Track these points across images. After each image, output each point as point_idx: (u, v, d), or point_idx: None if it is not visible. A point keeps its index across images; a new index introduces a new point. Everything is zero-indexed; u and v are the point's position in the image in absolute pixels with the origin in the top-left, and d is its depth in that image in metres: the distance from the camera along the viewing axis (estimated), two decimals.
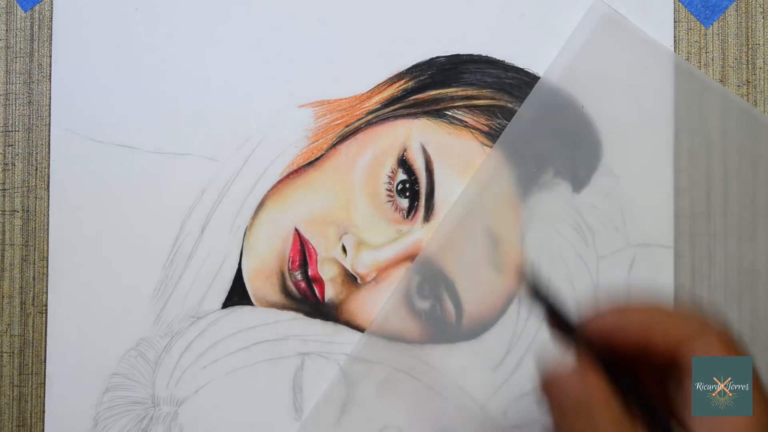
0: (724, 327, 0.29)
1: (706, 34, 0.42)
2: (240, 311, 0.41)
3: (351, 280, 0.41)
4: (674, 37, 0.42)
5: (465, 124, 0.41)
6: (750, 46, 0.42)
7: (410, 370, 0.40)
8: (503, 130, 0.41)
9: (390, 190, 0.41)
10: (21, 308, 0.42)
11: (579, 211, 0.41)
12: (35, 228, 0.42)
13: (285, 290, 0.41)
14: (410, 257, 0.40)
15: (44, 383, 0.41)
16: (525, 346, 0.40)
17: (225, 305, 0.41)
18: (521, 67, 0.41)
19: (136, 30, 0.42)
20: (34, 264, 0.42)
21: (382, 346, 0.40)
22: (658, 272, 0.40)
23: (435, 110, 0.41)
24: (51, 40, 0.42)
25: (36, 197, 0.42)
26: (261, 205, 0.41)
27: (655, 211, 0.41)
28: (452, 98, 0.41)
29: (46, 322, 0.41)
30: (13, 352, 0.41)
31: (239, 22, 0.42)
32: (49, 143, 0.42)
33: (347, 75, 0.41)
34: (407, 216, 0.41)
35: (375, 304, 0.41)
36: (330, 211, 0.41)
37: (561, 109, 0.41)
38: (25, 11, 0.42)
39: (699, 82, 0.41)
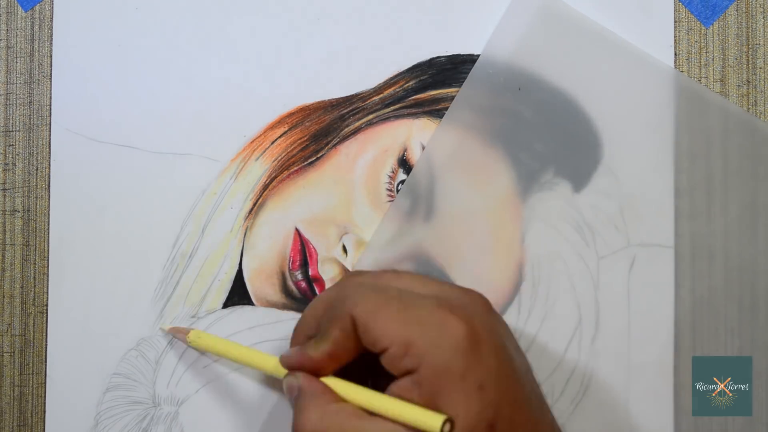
0: (346, 280, 0.32)
1: (706, 34, 0.42)
2: (240, 311, 0.41)
3: None
4: (674, 37, 0.42)
5: (465, 124, 0.41)
6: (750, 46, 0.42)
7: None
8: (504, 129, 0.41)
9: (390, 190, 0.41)
10: (21, 308, 0.42)
11: (579, 211, 0.41)
12: (36, 228, 0.42)
13: (285, 290, 0.41)
14: (411, 257, 0.40)
15: (45, 383, 0.41)
16: (525, 345, 0.40)
17: (225, 305, 0.41)
18: (521, 66, 0.41)
19: (136, 30, 0.42)
20: (35, 264, 0.42)
21: None
22: (658, 272, 0.40)
23: (435, 110, 0.41)
24: (51, 40, 0.42)
25: (36, 197, 0.42)
26: (261, 205, 0.41)
27: (655, 211, 0.41)
28: (452, 98, 0.41)
29: (46, 321, 0.41)
30: (13, 352, 0.41)
31: (239, 21, 0.42)
32: (49, 143, 0.42)
33: (347, 75, 0.41)
34: None
35: None
36: (330, 210, 0.41)
37: (500, 91, 0.41)
38: (26, 11, 0.42)
39: (696, 90, 0.41)
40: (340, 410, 0.30)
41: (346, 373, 0.33)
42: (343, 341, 0.31)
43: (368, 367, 0.32)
